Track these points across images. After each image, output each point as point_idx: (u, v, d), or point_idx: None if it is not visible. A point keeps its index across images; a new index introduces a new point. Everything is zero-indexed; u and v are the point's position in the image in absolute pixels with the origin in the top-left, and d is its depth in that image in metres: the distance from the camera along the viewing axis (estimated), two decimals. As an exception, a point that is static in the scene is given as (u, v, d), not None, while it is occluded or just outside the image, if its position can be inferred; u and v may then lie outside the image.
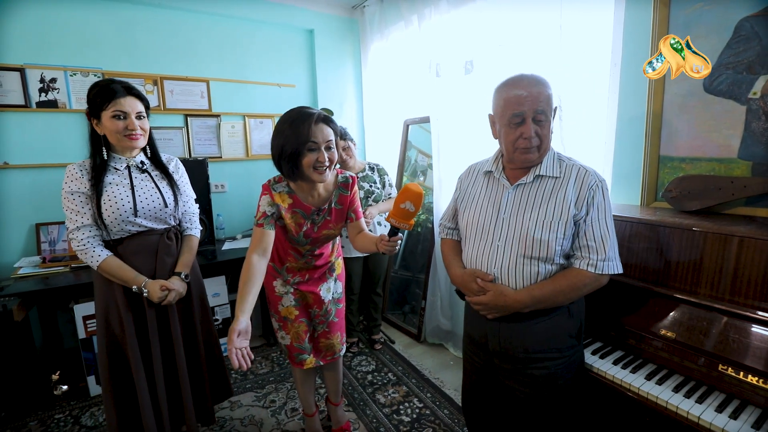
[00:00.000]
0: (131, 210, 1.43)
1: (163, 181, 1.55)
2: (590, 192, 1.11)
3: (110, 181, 1.43)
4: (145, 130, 1.47)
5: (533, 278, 1.14)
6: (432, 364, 2.47)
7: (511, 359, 1.21)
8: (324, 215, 1.46)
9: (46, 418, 2.01)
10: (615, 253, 1.12)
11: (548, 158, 1.17)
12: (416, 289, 2.94)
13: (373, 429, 1.90)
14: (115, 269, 1.41)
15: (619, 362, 1.26)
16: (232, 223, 2.98)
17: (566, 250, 1.14)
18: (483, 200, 1.26)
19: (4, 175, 2.32)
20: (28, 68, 2.33)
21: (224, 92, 2.89)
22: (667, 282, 1.27)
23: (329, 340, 1.68)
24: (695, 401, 1.06)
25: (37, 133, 2.36)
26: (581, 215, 1.11)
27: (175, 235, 1.58)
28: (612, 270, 1.11)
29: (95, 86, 1.41)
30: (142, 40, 2.60)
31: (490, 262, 1.19)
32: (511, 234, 1.16)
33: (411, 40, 2.70)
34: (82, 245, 1.39)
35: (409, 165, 3.10)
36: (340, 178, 1.48)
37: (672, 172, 1.48)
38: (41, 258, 2.30)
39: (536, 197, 1.16)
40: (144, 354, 1.50)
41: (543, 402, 1.20)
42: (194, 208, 1.68)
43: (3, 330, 1.91)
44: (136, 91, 1.44)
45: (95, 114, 1.40)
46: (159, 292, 1.43)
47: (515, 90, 1.11)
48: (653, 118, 1.49)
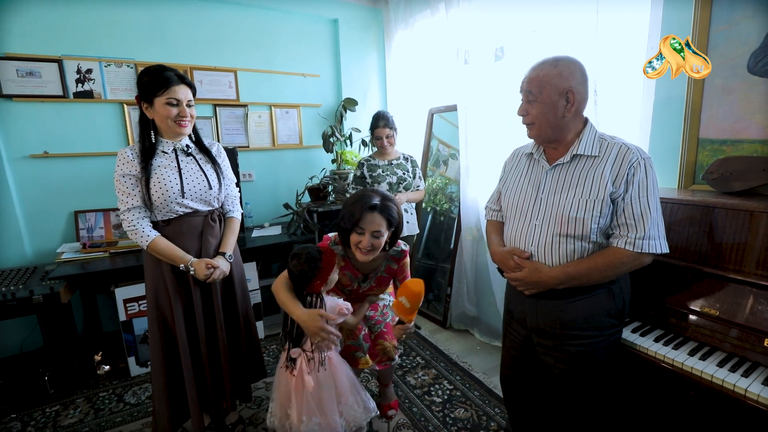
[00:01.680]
0: (179, 191, 1.49)
1: (208, 164, 1.61)
2: (631, 169, 1.10)
3: (159, 164, 1.49)
4: (193, 117, 1.53)
5: (569, 256, 1.16)
6: (459, 349, 2.51)
7: (548, 335, 1.24)
8: (370, 281, 1.60)
9: (91, 396, 2.09)
10: (658, 231, 1.11)
11: (587, 137, 1.17)
12: (440, 278, 2.97)
13: (405, 409, 1.95)
14: (163, 248, 1.47)
15: (660, 340, 1.28)
16: (260, 212, 3.04)
17: (604, 229, 1.15)
18: (524, 181, 1.30)
19: (44, 163, 2.39)
20: (65, 59, 2.39)
21: (251, 82, 2.94)
22: (709, 261, 1.28)
23: (385, 343, 1.65)
24: (741, 375, 1.09)
25: (74, 123, 2.43)
26: (619, 193, 1.11)
27: (218, 217, 1.64)
28: (653, 249, 1.10)
29: (147, 72, 1.45)
30: (172, 31, 2.64)
31: (528, 241, 1.23)
32: (548, 213, 1.19)
33: (437, 27, 2.70)
34: (132, 226, 1.46)
35: (432, 155, 3.13)
36: (391, 252, 1.55)
37: (712, 154, 1.48)
38: (81, 244, 2.38)
39: (573, 177, 1.18)
40: (189, 332, 1.56)
41: (579, 379, 1.24)
42: (235, 191, 1.73)
43: (51, 312, 2.00)
44: (188, 80, 1.50)
45: (147, 99, 1.45)
46: (205, 269, 1.49)
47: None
48: (693, 101, 1.50)
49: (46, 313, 2.01)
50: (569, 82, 1.13)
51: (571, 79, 1.13)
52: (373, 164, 2.51)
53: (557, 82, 1.13)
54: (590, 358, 1.21)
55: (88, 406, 2.02)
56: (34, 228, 2.41)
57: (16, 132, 2.32)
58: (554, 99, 1.14)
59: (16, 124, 2.32)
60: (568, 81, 1.13)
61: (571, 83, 1.13)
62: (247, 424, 1.86)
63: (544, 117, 1.17)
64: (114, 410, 1.99)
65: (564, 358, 1.23)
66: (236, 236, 1.68)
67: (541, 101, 1.15)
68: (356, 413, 1.44)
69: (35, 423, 1.90)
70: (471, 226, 2.55)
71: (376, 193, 1.45)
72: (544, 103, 1.15)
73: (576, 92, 1.13)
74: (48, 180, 2.40)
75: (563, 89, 1.13)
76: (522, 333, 1.35)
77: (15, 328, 2.33)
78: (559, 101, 1.14)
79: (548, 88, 1.14)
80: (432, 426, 1.83)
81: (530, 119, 1.20)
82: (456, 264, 2.69)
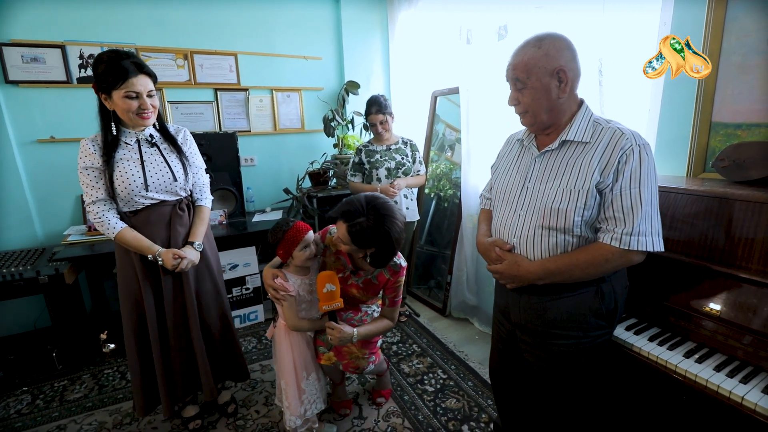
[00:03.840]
0: (142, 185, 1.46)
1: (172, 154, 1.55)
2: (623, 156, 0.99)
3: (121, 157, 1.45)
4: (155, 107, 1.46)
5: (551, 249, 1.09)
6: (457, 337, 2.48)
7: (530, 332, 1.19)
8: (360, 278, 1.56)
9: (96, 373, 2.19)
10: (650, 227, 1.00)
11: (579, 122, 1.07)
12: (442, 264, 2.92)
13: (397, 396, 1.94)
14: (130, 240, 1.46)
15: (655, 339, 1.21)
16: (262, 196, 3.05)
17: (590, 222, 1.06)
18: (513, 169, 1.23)
19: (51, 148, 2.46)
20: (68, 45, 2.41)
21: (252, 66, 2.90)
22: (714, 256, 1.18)
23: (353, 351, 1.58)
24: (739, 381, 1.01)
25: (78, 108, 2.47)
26: (607, 183, 1.01)
27: (187, 206, 1.61)
28: (643, 246, 1.00)
29: (102, 61, 1.36)
30: (172, 15, 2.62)
31: (511, 232, 1.17)
32: (532, 203, 1.12)
33: (441, 5, 2.57)
34: (98, 218, 1.44)
35: (437, 139, 3.03)
36: (391, 263, 1.51)
37: (725, 140, 1.36)
38: (87, 227, 2.45)
39: (560, 164, 1.09)
40: (160, 321, 1.57)
41: (561, 379, 1.18)
42: (204, 178, 1.69)
43: (57, 291, 2.08)
44: (147, 69, 1.41)
45: (105, 91, 1.38)
46: (172, 260, 1.48)
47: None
48: (706, 81, 1.36)
49: (51, 293, 2.09)
50: (558, 60, 1.03)
51: (560, 57, 1.03)
52: (370, 150, 2.45)
53: (545, 64, 1.03)
54: (572, 359, 1.15)
55: (93, 382, 2.11)
56: (43, 210, 2.49)
57: (23, 117, 2.38)
58: (545, 82, 1.04)
59: (23, 110, 2.37)
60: (556, 60, 1.03)
61: (561, 61, 1.03)
62: (240, 405, 1.89)
63: (537, 103, 1.07)
64: (116, 387, 2.07)
65: (545, 356, 1.18)
66: (206, 225, 1.65)
67: (531, 87, 1.06)
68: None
69: (44, 396, 2.00)
70: (472, 213, 2.47)
71: (362, 208, 1.35)
72: (535, 89, 1.06)
73: (568, 69, 1.04)
74: (55, 164, 2.47)
75: (553, 69, 1.03)
76: (507, 327, 1.30)
77: (29, 305, 2.44)
78: (551, 83, 1.04)
79: (536, 72, 1.04)
80: (422, 415, 1.82)
81: (522, 108, 1.11)
82: (456, 252, 2.63)
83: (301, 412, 1.54)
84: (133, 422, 1.81)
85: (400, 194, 2.39)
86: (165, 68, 2.65)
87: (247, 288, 2.65)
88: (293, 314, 1.50)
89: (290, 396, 1.53)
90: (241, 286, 2.62)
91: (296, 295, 1.52)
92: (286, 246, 1.47)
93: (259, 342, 2.46)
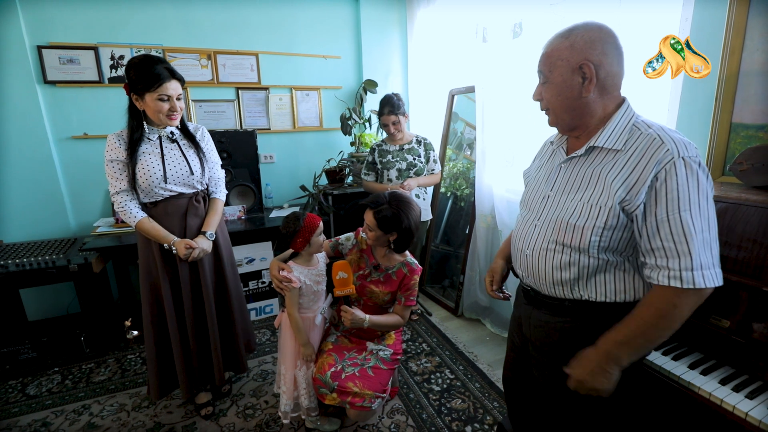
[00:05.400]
0: (161, 177, 1.57)
1: (191, 149, 1.67)
2: (662, 172, 0.83)
3: (144, 151, 1.57)
4: (182, 109, 1.58)
5: (563, 268, 0.98)
6: (467, 338, 2.47)
7: (539, 349, 1.12)
8: (380, 274, 1.65)
9: (120, 357, 2.32)
10: (711, 257, 0.83)
11: (614, 124, 0.93)
12: (456, 264, 2.91)
13: (402, 394, 1.96)
14: (148, 229, 1.58)
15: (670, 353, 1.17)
16: (280, 193, 3.13)
17: (611, 246, 0.93)
18: (541, 174, 1.12)
19: (85, 144, 2.61)
20: (100, 47, 2.55)
21: (273, 65, 2.97)
22: (725, 264, 1.13)
23: (356, 388, 1.51)
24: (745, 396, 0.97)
25: (109, 106, 2.61)
26: (636, 203, 0.86)
27: (203, 199, 1.73)
28: (711, 282, 0.82)
29: (136, 65, 1.47)
30: (197, 16, 2.72)
31: (525, 243, 1.08)
32: (550, 214, 1.02)
33: (458, 2, 2.55)
34: (122, 207, 1.57)
35: (455, 138, 3.01)
36: (409, 258, 1.66)
37: (746, 142, 1.29)
38: (114, 219, 2.59)
39: (585, 174, 0.97)
40: (177, 308, 1.67)
41: (564, 398, 1.08)
42: (219, 173, 1.80)
43: (85, 279, 2.21)
44: (177, 74, 1.54)
45: (138, 93, 1.49)
46: (184, 249, 1.58)
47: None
48: (727, 79, 1.30)
49: (80, 281, 2.23)
50: (584, 53, 0.90)
51: (588, 50, 0.90)
52: (383, 150, 2.47)
53: (569, 56, 0.92)
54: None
55: (117, 366, 2.23)
56: (76, 203, 2.65)
57: (59, 115, 2.54)
58: (566, 77, 0.93)
59: (60, 108, 2.53)
60: (582, 53, 0.91)
61: (587, 54, 0.90)
62: (251, 395, 1.96)
63: (558, 100, 0.97)
64: (137, 372, 2.18)
65: (550, 376, 1.09)
66: (219, 216, 1.75)
67: (552, 81, 0.96)
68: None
69: (72, 377, 2.14)
70: (486, 213, 2.45)
71: (386, 199, 1.56)
72: (555, 84, 0.95)
73: (595, 64, 0.90)
74: (87, 159, 2.62)
75: (576, 63, 0.91)
76: (521, 338, 1.22)
77: (61, 292, 2.61)
78: (572, 79, 0.92)
79: (559, 65, 0.93)
80: (426, 414, 1.83)
81: (545, 104, 1.01)
82: (470, 252, 2.61)
83: (295, 396, 1.62)
84: (150, 406, 1.91)
85: (411, 194, 2.39)
86: (189, 68, 2.75)
87: (263, 282, 2.73)
88: (292, 304, 1.59)
89: (287, 381, 1.62)
90: (257, 279, 2.71)
91: (302, 285, 1.59)
92: (305, 233, 1.55)
93: (272, 335, 2.54)
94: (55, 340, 2.27)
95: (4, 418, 1.85)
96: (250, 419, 1.81)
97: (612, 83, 0.94)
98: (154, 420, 1.81)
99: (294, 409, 1.65)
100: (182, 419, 1.81)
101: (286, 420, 1.63)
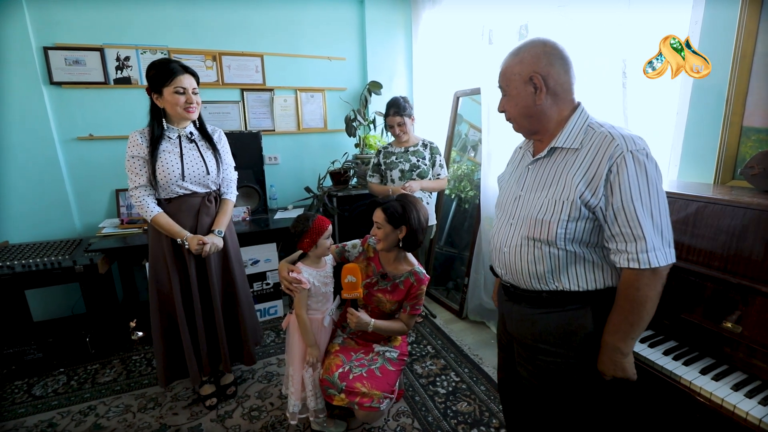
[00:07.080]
0: (179, 175, 1.65)
1: (208, 150, 1.75)
2: (613, 166, 0.92)
3: (164, 149, 1.65)
4: (198, 104, 1.67)
5: (537, 261, 1.05)
6: (472, 340, 2.46)
7: (521, 344, 1.17)
8: (387, 283, 1.65)
9: (125, 358, 2.32)
10: (663, 238, 0.93)
11: (570, 126, 1.03)
12: (461, 266, 2.90)
13: (408, 397, 1.96)
14: (163, 223, 1.65)
15: (671, 353, 1.17)
16: (284, 194, 3.13)
17: (576, 237, 1.01)
18: (512, 177, 1.21)
19: (90, 145, 2.61)
20: (106, 48, 2.56)
21: (277, 66, 2.97)
22: (738, 269, 1.12)
23: (364, 388, 1.52)
24: (758, 402, 0.96)
25: (115, 107, 2.61)
26: (598, 196, 0.95)
27: (215, 199, 1.81)
28: (663, 260, 0.92)
29: (153, 66, 1.60)
30: (202, 18, 2.73)
31: (503, 241, 1.14)
32: (522, 213, 1.09)
33: (464, 4, 2.55)
34: (139, 201, 1.64)
35: (459, 139, 3.01)
36: (417, 267, 1.65)
37: (757, 145, 1.28)
38: (120, 220, 2.59)
39: (548, 173, 1.06)
40: (186, 302, 1.74)
41: (549, 398, 1.14)
42: (232, 175, 1.88)
43: (91, 280, 2.22)
44: (191, 69, 1.65)
45: (157, 90, 1.59)
46: (195, 245, 1.66)
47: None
48: (738, 82, 1.29)
49: (86, 282, 2.23)
50: (532, 66, 1.01)
51: (535, 64, 1.00)
52: (388, 152, 2.46)
53: (520, 71, 1.02)
54: (560, 377, 1.10)
55: (122, 367, 2.24)
56: (82, 204, 2.66)
57: (65, 116, 2.54)
58: (520, 89, 1.03)
59: (66, 109, 2.54)
60: (530, 66, 1.01)
61: (535, 67, 1.00)
62: (256, 397, 1.96)
63: (517, 110, 1.07)
64: (143, 373, 2.18)
65: (534, 371, 1.14)
66: (229, 216, 1.83)
67: (510, 94, 1.06)
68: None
69: (78, 378, 2.15)
70: (490, 215, 2.44)
71: (394, 197, 1.63)
72: (512, 96, 1.06)
73: (543, 75, 1.00)
74: (93, 160, 2.62)
75: (527, 75, 1.01)
76: (506, 337, 1.28)
77: (67, 292, 2.62)
78: (525, 90, 1.03)
79: (514, 79, 1.04)
80: (432, 417, 1.83)
81: (508, 115, 1.12)
82: (474, 254, 2.61)
83: (303, 397, 1.63)
84: (156, 407, 1.91)
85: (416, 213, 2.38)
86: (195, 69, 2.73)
87: (267, 283, 2.72)
88: (301, 305, 1.60)
89: (296, 382, 1.63)
90: (262, 281, 2.71)
91: (311, 287, 1.60)
92: (313, 235, 1.58)
93: (277, 336, 2.54)
94: (60, 341, 2.27)
95: (11, 419, 1.85)
96: (255, 421, 1.81)
97: (563, 90, 1.03)
98: (159, 421, 1.81)
99: (301, 411, 1.65)
100: (188, 420, 1.81)
101: (294, 421, 1.64)
